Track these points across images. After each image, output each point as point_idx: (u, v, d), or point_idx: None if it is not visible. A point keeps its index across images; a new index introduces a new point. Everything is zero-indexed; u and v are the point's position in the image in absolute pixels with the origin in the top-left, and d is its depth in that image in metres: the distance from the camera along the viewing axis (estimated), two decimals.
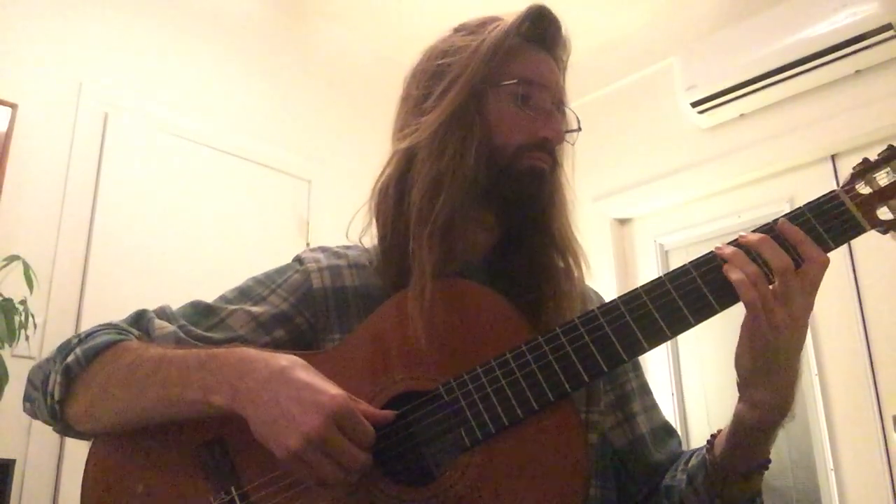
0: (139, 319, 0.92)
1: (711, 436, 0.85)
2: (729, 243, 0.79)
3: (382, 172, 0.95)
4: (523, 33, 0.94)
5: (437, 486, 0.77)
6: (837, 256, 2.57)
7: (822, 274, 0.76)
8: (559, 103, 0.95)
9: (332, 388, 0.75)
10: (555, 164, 0.95)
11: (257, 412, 0.75)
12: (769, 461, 0.82)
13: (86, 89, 2.53)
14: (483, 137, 0.90)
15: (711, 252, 0.79)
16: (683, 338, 2.96)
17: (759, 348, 0.76)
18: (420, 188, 0.88)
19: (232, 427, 0.79)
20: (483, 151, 0.89)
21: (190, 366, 0.80)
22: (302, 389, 0.74)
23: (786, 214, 0.80)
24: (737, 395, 0.81)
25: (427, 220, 0.86)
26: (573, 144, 0.98)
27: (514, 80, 0.91)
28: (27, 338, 2.01)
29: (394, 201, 0.92)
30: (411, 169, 0.91)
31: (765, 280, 0.75)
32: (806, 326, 0.76)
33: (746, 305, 0.75)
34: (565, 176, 0.98)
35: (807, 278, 0.75)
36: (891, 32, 2.47)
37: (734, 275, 0.75)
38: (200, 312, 0.93)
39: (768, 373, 0.76)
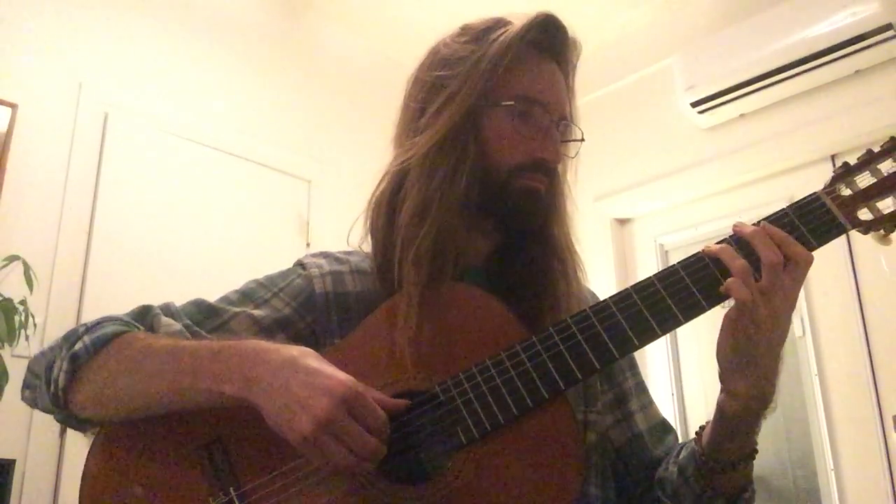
0: (144, 315, 0.92)
1: (700, 427, 0.87)
2: (722, 240, 0.81)
3: (377, 188, 0.95)
4: (529, 40, 0.92)
5: (434, 484, 0.78)
6: (837, 257, 2.58)
7: (806, 272, 0.78)
8: (560, 118, 0.94)
9: (341, 374, 0.76)
10: (552, 180, 0.94)
11: (269, 400, 0.75)
12: (755, 451, 0.84)
13: (86, 89, 2.53)
14: (477, 158, 0.89)
15: (700, 252, 0.81)
16: (683, 338, 2.97)
17: (740, 341, 0.77)
18: (407, 211, 0.88)
19: (231, 427, 0.79)
20: (476, 173, 0.89)
21: (202, 356, 0.80)
22: (312, 375, 0.75)
23: (769, 215, 0.82)
24: None
25: (411, 245, 0.86)
26: (573, 157, 0.97)
27: (512, 101, 0.90)
28: (27, 338, 2.01)
29: (385, 221, 0.92)
30: (402, 188, 0.91)
31: (750, 274, 0.76)
32: (788, 323, 0.78)
33: (737, 301, 0.76)
34: (567, 185, 0.97)
35: (792, 276, 0.77)
36: (891, 32, 2.47)
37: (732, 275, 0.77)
38: (204, 312, 0.93)
39: (748, 365, 0.78)
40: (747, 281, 0.76)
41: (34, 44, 2.45)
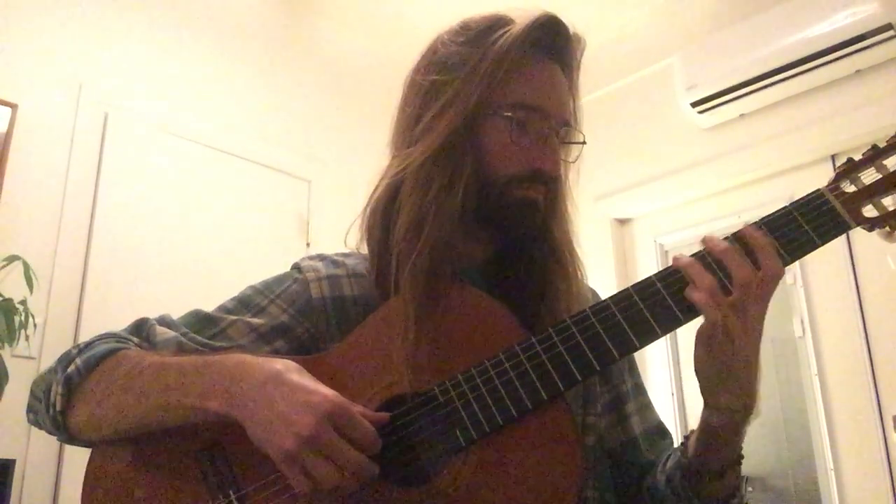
0: (140, 327, 0.92)
1: (685, 437, 0.86)
2: (694, 254, 0.80)
3: (372, 195, 0.93)
4: (530, 42, 0.90)
5: (433, 486, 0.78)
6: (838, 257, 2.57)
7: (775, 285, 0.76)
8: (561, 124, 0.92)
9: (325, 389, 0.75)
10: (550, 187, 0.92)
11: (252, 416, 0.75)
12: (741, 457, 0.83)
13: (86, 89, 2.53)
14: (473, 169, 0.88)
15: (673, 265, 0.80)
16: (683, 338, 2.96)
17: (715, 356, 0.76)
18: (403, 224, 0.86)
19: (230, 432, 0.79)
20: (473, 183, 0.88)
21: (187, 372, 0.80)
22: (296, 391, 0.74)
23: (772, 213, 0.81)
24: None
25: (407, 261, 0.85)
26: (574, 162, 0.96)
27: (510, 112, 0.88)
28: (27, 338, 2.01)
29: (380, 232, 0.91)
30: (398, 197, 0.89)
31: (720, 291, 0.75)
32: (760, 333, 0.77)
33: (706, 318, 0.75)
34: (568, 187, 0.96)
35: (761, 287, 0.75)
36: (891, 32, 2.47)
37: (695, 294, 0.76)
38: (201, 321, 0.92)
39: (728, 378, 0.77)
40: (717, 298, 0.75)
41: (34, 44, 2.46)
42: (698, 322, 0.80)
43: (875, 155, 0.83)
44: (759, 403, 0.79)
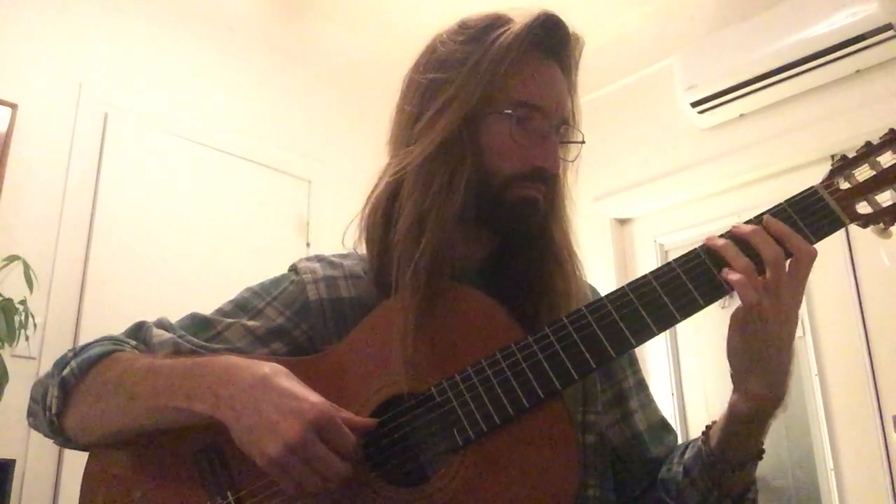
0: (138, 330, 0.93)
1: (707, 427, 0.86)
2: (721, 235, 0.80)
3: (371, 193, 0.93)
4: (529, 41, 0.90)
5: (430, 485, 0.78)
6: (837, 256, 2.57)
7: (810, 266, 0.77)
8: (560, 123, 0.92)
9: (312, 396, 0.75)
10: (550, 186, 0.92)
11: (238, 419, 0.75)
12: (763, 451, 0.84)
13: (86, 89, 2.53)
14: (473, 167, 0.87)
15: (696, 250, 0.80)
16: (683, 334, 2.97)
17: (749, 340, 0.77)
18: (404, 223, 0.86)
19: (228, 433, 0.79)
20: (472, 182, 0.87)
21: (176, 374, 0.80)
22: (283, 397, 0.74)
23: (767, 210, 0.81)
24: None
25: (410, 260, 0.84)
26: (573, 161, 0.96)
27: (510, 109, 0.88)
28: (27, 338, 2.02)
29: (381, 230, 0.90)
30: (399, 196, 0.89)
31: (755, 272, 0.76)
32: (796, 320, 0.77)
33: (743, 300, 0.76)
34: (567, 187, 0.96)
35: (795, 271, 0.76)
36: (891, 32, 2.46)
37: (733, 275, 0.76)
38: (198, 324, 0.92)
39: (760, 364, 0.77)
40: (753, 280, 0.75)
41: (34, 44, 2.46)
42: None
43: (869, 152, 0.83)
44: (789, 397, 0.79)
